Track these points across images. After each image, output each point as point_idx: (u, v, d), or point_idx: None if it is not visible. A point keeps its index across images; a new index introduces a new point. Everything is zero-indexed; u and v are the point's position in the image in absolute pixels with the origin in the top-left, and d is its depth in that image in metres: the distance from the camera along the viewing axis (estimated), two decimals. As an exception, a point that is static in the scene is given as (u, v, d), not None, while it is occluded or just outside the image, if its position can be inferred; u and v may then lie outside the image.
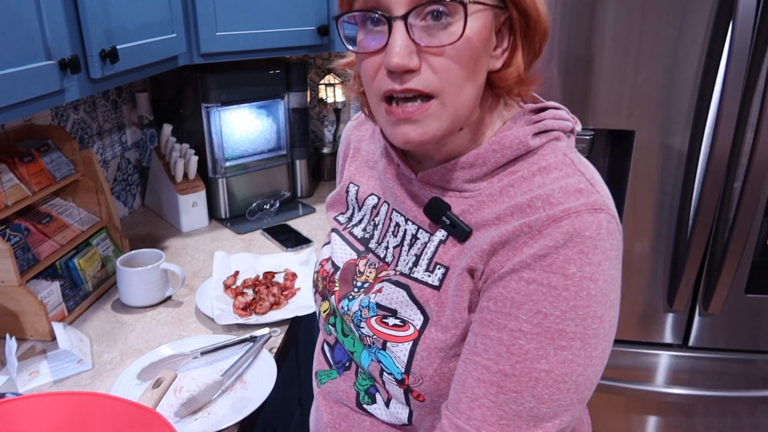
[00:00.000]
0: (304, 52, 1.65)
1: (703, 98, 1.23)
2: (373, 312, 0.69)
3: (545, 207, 0.58)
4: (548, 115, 0.66)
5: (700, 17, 1.18)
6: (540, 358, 0.56)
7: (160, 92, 1.85)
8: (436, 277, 0.65)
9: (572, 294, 0.56)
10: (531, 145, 0.63)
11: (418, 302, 0.66)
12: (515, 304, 0.57)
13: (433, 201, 0.67)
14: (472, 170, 0.65)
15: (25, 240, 1.20)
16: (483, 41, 0.58)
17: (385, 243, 0.74)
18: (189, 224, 1.72)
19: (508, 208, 0.61)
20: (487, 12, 0.58)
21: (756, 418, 1.49)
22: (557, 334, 0.56)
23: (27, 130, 1.35)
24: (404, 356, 0.65)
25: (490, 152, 0.64)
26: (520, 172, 0.63)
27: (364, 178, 0.81)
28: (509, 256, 0.59)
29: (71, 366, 1.09)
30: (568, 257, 0.56)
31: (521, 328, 0.57)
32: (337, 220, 0.83)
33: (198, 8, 1.40)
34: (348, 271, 0.76)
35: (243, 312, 1.26)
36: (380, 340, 0.68)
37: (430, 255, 0.66)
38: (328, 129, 2.18)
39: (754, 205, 1.24)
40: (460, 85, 0.59)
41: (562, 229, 0.56)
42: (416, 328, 0.65)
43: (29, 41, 0.93)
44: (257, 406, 1.00)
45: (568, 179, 0.60)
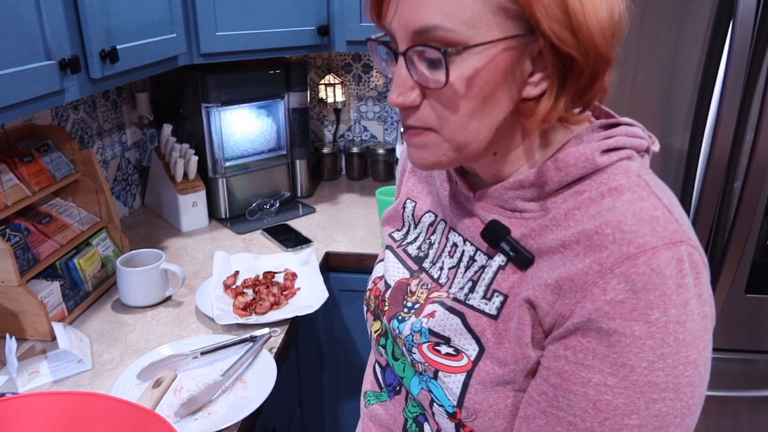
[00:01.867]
0: (304, 52, 1.65)
1: (703, 98, 1.23)
2: (425, 338, 0.65)
3: (616, 238, 0.53)
4: (620, 131, 0.60)
5: (700, 17, 1.18)
6: (630, 414, 0.52)
7: (160, 92, 1.85)
8: (494, 306, 0.61)
9: (658, 342, 0.51)
10: (599, 163, 0.57)
11: (473, 331, 0.62)
12: (597, 357, 0.53)
13: (491, 224, 0.62)
14: (531, 189, 0.60)
15: (25, 240, 1.20)
16: (492, 79, 0.54)
17: (440, 263, 0.70)
18: (189, 224, 1.72)
19: (574, 234, 0.56)
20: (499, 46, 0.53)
21: (756, 418, 1.49)
22: (647, 387, 0.51)
23: (27, 130, 1.35)
24: (457, 388, 0.62)
25: (553, 170, 0.59)
26: (587, 192, 0.57)
27: (421, 194, 0.77)
28: (578, 299, 0.54)
29: (71, 366, 1.09)
30: (650, 302, 0.51)
31: (607, 382, 0.52)
32: (392, 236, 0.80)
33: (198, 8, 1.40)
34: (399, 291, 0.72)
35: (243, 312, 1.26)
36: (432, 369, 0.64)
37: (488, 281, 0.62)
38: (328, 129, 2.18)
39: (754, 205, 1.24)
40: (460, 123, 0.56)
41: (638, 270, 0.51)
42: (470, 359, 0.61)
43: (29, 41, 0.93)
44: (257, 406, 1.00)
45: (641, 203, 0.54)
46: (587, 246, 0.54)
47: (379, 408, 0.77)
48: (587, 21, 0.52)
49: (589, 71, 0.54)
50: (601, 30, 0.53)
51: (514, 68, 0.54)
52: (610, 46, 0.54)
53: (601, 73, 0.55)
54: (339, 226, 1.73)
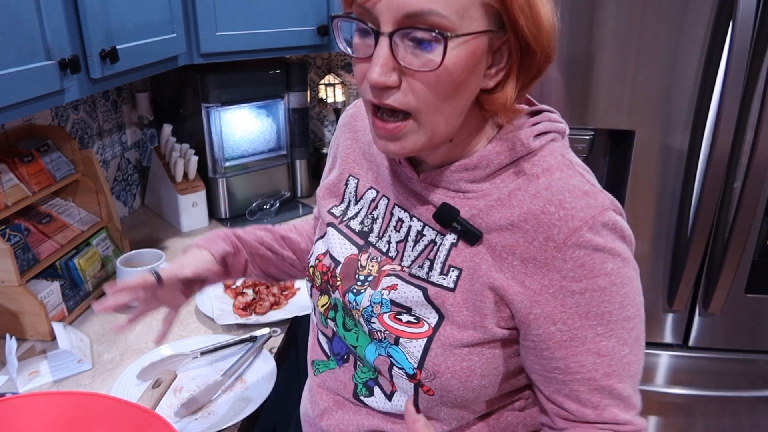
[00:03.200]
0: (304, 52, 1.65)
1: (703, 98, 1.23)
2: (386, 308, 0.71)
3: (561, 216, 0.62)
4: (544, 117, 0.69)
5: (700, 17, 1.18)
6: (623, 346, 0.65)
7: (160, 92, 1.85)
8: (450, 280, 0.68)
9: (619, 285, 0.63)
10: (532, 147, 0.66)
11: (433, 303, 0.68)
12: (582, 316, 0.63)
13: (443, 207, 0.68)
14: (475, 171, 0.67)
15: (25, 240, 1.20)
16: (468, 68, 0.59)
17: (386, 237, 0.75)
18: (189, 224, 1.72)
19: (521, 215, 0.64)
20: (478, 38, 0.58)
21: (756, 418, 1.49)
22: (625, 321, 0.64)
23: (27, 130, 1.35)
24: (418, 352, 0.68)
25: (494, 154, 0.66)
26: (523, 173, 0.66)
27: (362, 170, 0.81)
28: (545, 273, 0.63)
29: (71, 366, 1.09)
30: (603, 258, 0.62)
31: (598, 332, 0.64)
32: (331, 213, 0.83)
33: (198, 8, 1.40)
34: (350, 266, 0.77)
35: (243, 312, 1.26)
36: (393, 336, 0.70)
37: (443, 258, 0.69)
38: (328, 129, 2.18)
39: (754, 205, 1.24)
40: (437, 107, 0.60)
41: (585, 237, 0.62)
42: (431, 326, 0.68)
43: (29, 41, 0.93)
44: (257, 406, 1.00)
45: (571, 180, 0.64)
46: (536, 225, 0.63)
47: (328, 375, 0.81)
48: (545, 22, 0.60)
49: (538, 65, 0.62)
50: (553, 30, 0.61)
51: (481, 60, 0.60)
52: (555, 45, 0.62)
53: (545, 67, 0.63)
54: (339, 226, 1.73)
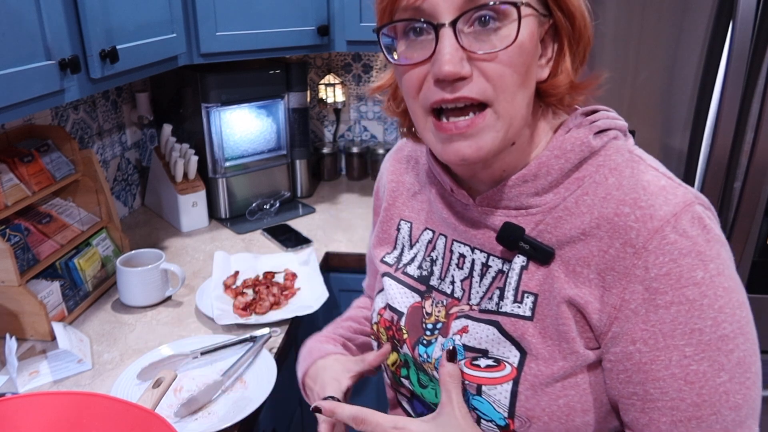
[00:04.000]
0: (304, 52, 1.65)
1: (703, 98, 1.23)
2: (461, 355, 0.64)
3: (638, 216, 0.55)
4: (601, 116, 0.63)
5: (700, 17, 1.18)
6: (719, 372, 0.54)
7: (160, 92, 1.85)
8: (527, 307, 0.61)
9: (712, 298, 0.54)
10: (593, 146, 0.60)
11: (511, 337, 0.61)
12: (667, 335, 0.54)
13: (505, 227, 0.62)
14: (536, 182, 0.61)
15: (25, 240, 1.20)
16: (533, 48, 0.56)
17: (449, 278, 0.69)
18: (189, 224, 1.72)
19: (592, 220, 0.57)
20: (534, 18, 0.55)
21: (756, 418, 1.49)
22: (720, 342, 0.54)
23: (27, 130, 1.35)
24: (505, 399, 0.60)
25: (553, 159, 0.60)
26: (588, 177, 0.60)
27: (413, 212, 0.76)
28: (624, 285, 0.55)
29: (71, 366, 1.09)
30: (691, 265, 0.53)
31: (686, 354, 0.54)
32: (385, 262, 0.77)
33: (198, 8, 1.40)
34: (415, 316, 0.70)
35: (243, 312, 1.26)
36: (473, 385, 0.63)
37: (514, 285, 0.62)
38: (328, 129, 2.18)
39: (754, 205, 1.24)
40: (513, 92, 0.56)
41: (669, 240, 0.53)
42: (513, 366, 0.61)
43: (29, 41, 0.93)
44: (257, 406, 1.00)
45: (644, 176, 0.57)
46: (611, 230, 0.56)
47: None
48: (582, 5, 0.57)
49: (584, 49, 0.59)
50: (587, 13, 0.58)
51: (537, 44, 0.57)
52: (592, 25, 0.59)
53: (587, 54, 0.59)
54: (339, 226, 1.73)
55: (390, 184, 0.80)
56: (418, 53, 0.57)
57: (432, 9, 0.54)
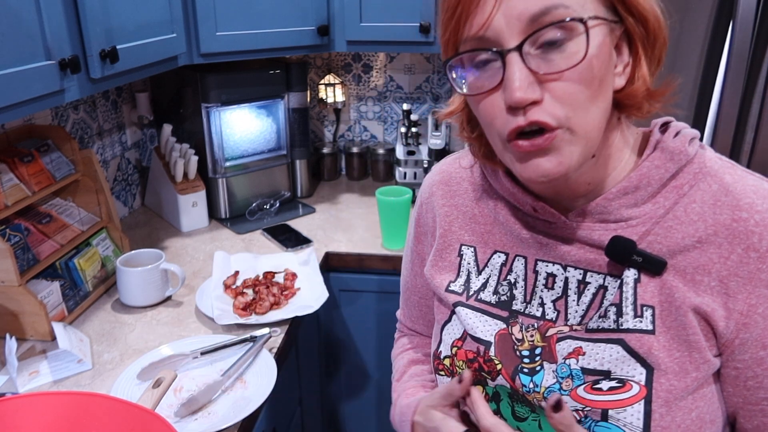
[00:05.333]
0: (304, 52, 1.65)
1: (703, 98, 1.23)
2: (579, 380, 0.61)
3: (758, 221, 0.56)
4: (681, 125, 0.64)
5: (700, 17, 1.18)
6: None
7: (160, 92, 1.85)
8: (647, 321, 0.60)
9: None
10: (690, 153, 0.60)
11: (637, 354, 0.59)
12: None
13: (615, 240, 0.61)
14: (636, 194, 0.61)
15: (25, 240, 1.20)
16: (605, 58, 0.55)
17: (537, 300, 0.67)
18: (189, 224, 1.72)
19: (708, 227, 0.58)
20: (604, 26, 0.54)
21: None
22: None
23: (27, 130, 1.35)
24: (638, 420, 0.58)
25: (654, 169, 0.60)
26: (687, 185, 0.60)
27: (476, 236, 0.73)
28: (750, 290, 0.56)
29: (71, 366, 1.09)
30: None
31: None
32: (451, 291, 0.73)
33: (198, 8, 1.40)
34: (505, 343, 0.67)
35: (243, 312, 1.26)
36: (597, 411, 0.59)
37: (632, 299, 0.60)
38: (328, 129, 2.18)
39: (754, 205, 1.24)
40: (586, 108, 0.55)
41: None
42: (641, 384, 0.58)
43: (29, 41, 0.93)
44: (257, 406, 1.00)
45: (746, 181, 0.58)
46: (730, 236, 0.57)
47: None
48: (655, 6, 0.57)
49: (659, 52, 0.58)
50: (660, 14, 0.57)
51: (610, 53, 0.56)
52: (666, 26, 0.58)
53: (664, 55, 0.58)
54: (339, 226, 1.73)
55: (442, 209, 0.77)
56: (487, 81, 0.56)
57: (496, 36, 0.54)
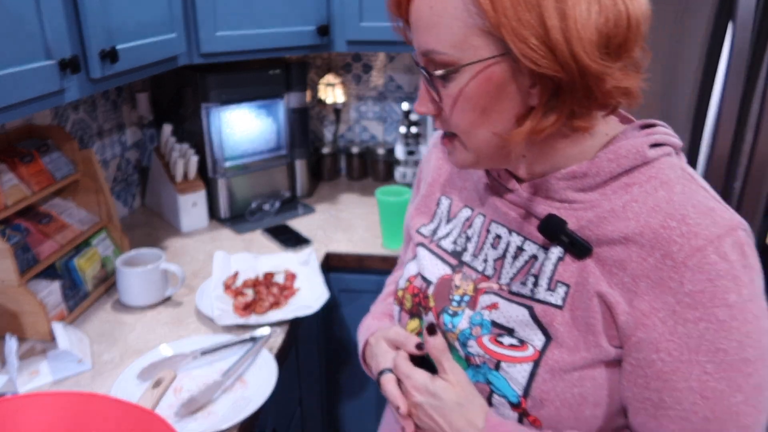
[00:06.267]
0: (304, 52, 1.65)
1: (703, 98, 1.23)
2: (486, 330, 0.67)
3: (683, 232, 0.56)
4: (659, 130, 0.65)
5: (700, 17, 1.18)
6: (735, 392, 0.57)
7: (160, 92, 1.85)
8: (558, 296, 0.63)
9: (741, 322, 0.56)
10: (648, 156, 0.62)
11: (540, 323, 0.64)
12: (692, 349, 0.57)
13: (549, 218, 0.64)
14: (584, 180, 0.63)
15: (25, 240, 1.20)
16: (487, 94, 0.58)
17: (482, 256, 0.72)
18: (189, 224, 1.72)
19: (637, 227, 0.59)
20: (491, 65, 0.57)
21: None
22: (742, 364, 0.56)
23: (27, 130, 1.35)
24: (523, 378, 0.63)
25: (605, 161, 0.62)
26: (637, 185, 0.61)
27: (455, 190, 0.79)
28: (656, 295, 0.57)
29: (71, 366, 1.09)
30: (725, 287, 0.55)
31: (706, 370, 0.56)
32: (420, 233, 0.81)
33: (198, 8, 1.40)
34: (443, 286, 0.74)
35: (243, 312, 1.26)
36: (493, 360, 0.65)
37: (549, 274, 0.64)
38: (328, 129, 2.18)
39: (754, 205, 1.24)
40: (470, 131, 0.62)
41: (709, 260, 0.55)
42: (537, 349, 0.63)
43: (29, 41, 0.93)
44: (257, 406, 1.00)
45: (695, 196, 0.59)
46: (654, 240, 0.58)
47: None
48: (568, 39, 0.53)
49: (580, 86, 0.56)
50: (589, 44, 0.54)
51: (509, 82, 0.58)
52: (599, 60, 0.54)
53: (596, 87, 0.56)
54: (339, 226, 1.73)
55: (436, 162, 0.84)
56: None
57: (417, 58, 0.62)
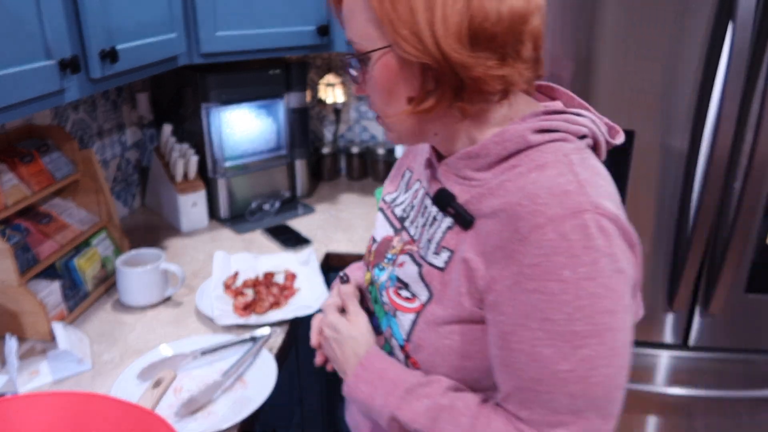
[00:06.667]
0: (304, 52, 1.65)
1: (703, 98, 1.23)
2: (392, 284, 0.78)
3: (531, 210, 0.61)
4: (559, 117, 0.68)
5: (700, 17, 1.18)
6: (561, 361, 0.61)
7: (160, 92, 1.85)
8: (441, 260, 0.71)
9: (572, 296, 0.59)
10: (530, 141, 0.66)
11: (425, 281, 0.73)
12: (525, 315, 0.62)
13: (439, 192, 0.72)
14: (477, 160, 0.69)
15: (25, 240, 1.20)
16: (389, 78, 0.67)
17: (416, 222, 0.80)
18: (189, 224, 1.72)
19: (502, 204, 0.65)
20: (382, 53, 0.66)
21: (756, 418, 1.49)
22: (570, 336, 0.60)
23: (27, 130, 1.35)
24: (408, 325, 0.74)
25: (492, 144, 0.68)
26: (519, 167, 0.66)
27: (416, 164, 0.87)
28: (505, 264, 0.63)
29: (71, 366, 1.09)
30: (561, 263, 0.59)
31: (537, 336, 0.61)
32: (384, 200, 0.91)
33: (198, 8, 1.40)
34: (384, 245, 0.84)
35: (243, 312, 1.26)
36: (393, 309, 0.77)
37: (437, 240, 0.72)
38: (328, 129, 2.18)
39: (754, 205, 1.24)
40: (383, 111, 0.71)
41: (547, 237, 0.60)
42: (422, 303, 0.73)
43: (29, 41, 0.93)
44: (257, 406, 1.00)
45: (559, 179, 0.63)
46: (510, 216, 0.63)
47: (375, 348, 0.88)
48: (434, 31, 0.61)
49: (450, 74, 0.63)
50: (453, 37, 0.61)
51: (401, 69, 0.66)
52: (462, 51, 0.62)
53: (464, 75, 0.63)
54: (339, 226, 1.73)
55: None
56: None
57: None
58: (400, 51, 0.63)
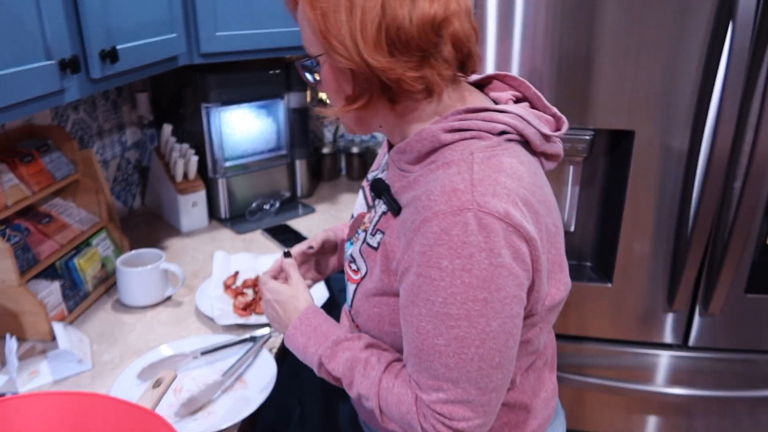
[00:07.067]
0: (304, 52, 1.65)
1: (703, 98, 1.23)
2: (348, 258, 0.88)
3: (425, 205, 0.70)
4: (477, 116, 0.74)
5: (700, 17, 1.18)
6: (437, 336, 0.70)
7: (160, 92, 1.85)
8: (375, 240, 0.80)
9: (448, 283, 0.68)
10: (442, 140, 0.74)
11: (363, 256, 0.83)
12: (414, 294, 0.71)
13: (375, 181, 0.83)
14: (405, 155, 0.78)
15: (25, 240, 1.20)
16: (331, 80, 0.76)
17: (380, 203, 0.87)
18: (189, 224, 1.72)
19: (414, 196, 0.73)
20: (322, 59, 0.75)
21: (756, 418, 1.49)
22: (445, 317, 0.69)
23: (27, 130, 1.35)
24: (351, 294, 0.87)
25: (413, 141, 0.76)
26: (437, 162, 0.74)
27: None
28: (407, 249, 0.72)
29: (71, 366, 1.09)
30: (440, 253, 0.67)
31: (420, 312, 0.71)
32: (367, 177, 0.97)
33: (198, 8, 1.40)
34: (357, 221, 0.91)
35: (243, 312, 1.26)
36: (345, 280, 0.90)
37: (374, 222, 0.82)
38: (328, 129, 2.18)
39: (754, 205, 1.24)
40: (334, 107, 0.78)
41: (431, 230, 0.68)
42: (361, 276, 0.84)
43: (29, 41, 0.93)
44: (257, 406, 1.00)
45: (454, 177, 0.70)
46: (414, 208, 0.72)
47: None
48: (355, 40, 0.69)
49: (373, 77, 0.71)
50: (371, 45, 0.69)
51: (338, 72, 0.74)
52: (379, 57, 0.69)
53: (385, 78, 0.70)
54: (339, 226, 1.73)
55: None
56: None
57: None
58: (331, 59, 0.72)
